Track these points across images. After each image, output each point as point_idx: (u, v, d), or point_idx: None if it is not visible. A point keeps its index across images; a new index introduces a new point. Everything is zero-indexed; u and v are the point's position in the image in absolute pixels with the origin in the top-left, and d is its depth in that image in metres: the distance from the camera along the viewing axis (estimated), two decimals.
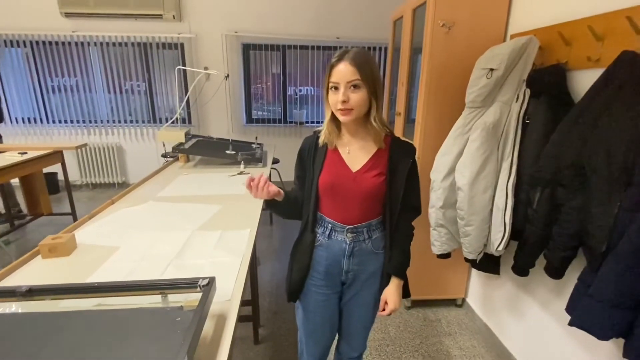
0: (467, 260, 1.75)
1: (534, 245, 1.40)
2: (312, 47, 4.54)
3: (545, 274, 1.37)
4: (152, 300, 0.88)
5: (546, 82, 1.43)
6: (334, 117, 1.04)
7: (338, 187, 1.07)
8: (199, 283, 0.86)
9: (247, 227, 1.42)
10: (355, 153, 1.08)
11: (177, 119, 2.95)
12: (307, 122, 4.86)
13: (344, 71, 0.96)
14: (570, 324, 1.16)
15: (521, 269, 1.53)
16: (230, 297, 0.95)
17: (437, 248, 1.83)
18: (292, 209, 1.15)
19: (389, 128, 1.08)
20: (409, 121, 2.31)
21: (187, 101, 4.40)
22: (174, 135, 2.59)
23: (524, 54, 1.51)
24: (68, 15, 4.07)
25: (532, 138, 1.46)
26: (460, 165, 1.63)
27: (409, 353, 1.93)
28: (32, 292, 0.84)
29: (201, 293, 0.83)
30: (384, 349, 1.96)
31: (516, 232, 1.52)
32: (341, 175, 1.07)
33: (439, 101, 1.93)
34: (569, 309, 1.24)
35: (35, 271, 1.09)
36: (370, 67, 0.97)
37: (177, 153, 2.57)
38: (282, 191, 1.07)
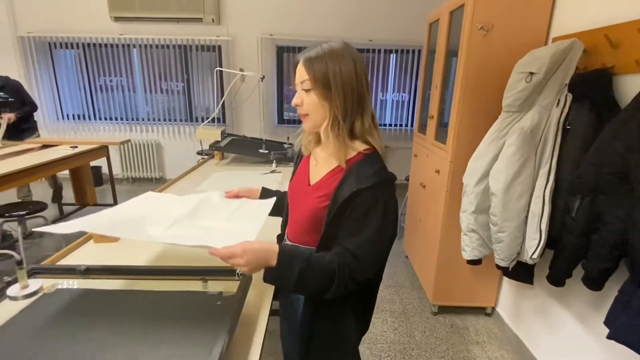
0: (498, 267, 1.71)
1: (571, 254, 1.36)
2: None
3: (582, 284, 1.32)
4: (192, 286, 0.94)
5: (590, 87, 1.39)
6: None
7: (293, 198, 0.98)
8: (237, 271, 0.92)
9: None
10: (320, 164, 0.92)
11: (211, 117, 3.07)
12: None
13: (298, 71, 0.83)
14: (609, 337, 1.12)
15: (557, 278, 1.48)
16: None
17: (467, 253, 1.81)
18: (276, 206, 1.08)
19: (371, 145, 0.85)
20: (442, 124, 2.29)
21: (222, 101, 4.56)
22: (211, 134, 2.71)
23: (566, 58, 1.47)
24: (117, 19, 4.34)
25: (573, 144, 1.41)
26: (495, 170, 1.60)
27: (434, 359, 1.91)
28: (89, 271, 0.93)
29: (239, 281, 0.89)
30: (408, 353, 1.95)
31: (552, 241, 1.47)
32: (299, 186, 0.96)
33: (474, 105, 1.90)
34: (607, 322, 1.19)
35: (88, 254, 1.19)
36: (328, 65, 0.78)
37: (213, 150, 2.68)
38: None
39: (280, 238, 1.07)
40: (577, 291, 1.55)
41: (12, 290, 0.85)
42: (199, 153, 3.91)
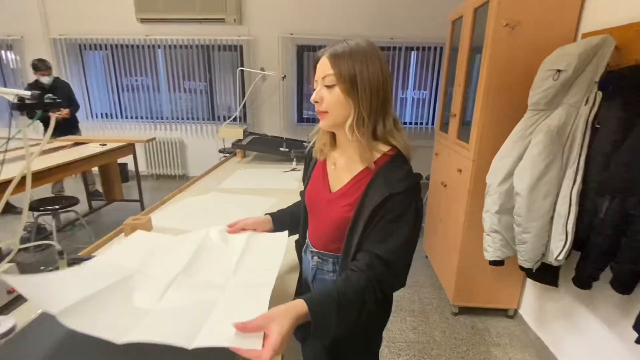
0: (522, 269, 1.68)
1: (599, 257, 1.33)
2: None
3: (609, 288, 1.29)
4: None
5: (623, 85, 1.34)
6: None
7: (313, 207, 0.93)
8: None
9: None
10: (340, 169, 0.87)
11: (233, 116, 3.14)
12: None
13: (320, 65, 0.79)
14: (638, 341, 1.08)
15: (584, 281, 1.44)
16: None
17: (489, 254, 1.78)
18: (290, 228, 1.03)
19: (394, 146, 0.82)
20: (465, 123, 2.26)
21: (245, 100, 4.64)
22: (234, 132, 2.77)
23: (597, 55, 1.42)
24: (143, 20, 4.48)
25: (603, 143, 1.37)
26: (520, 170, 1.57)
27: (454, 359, 1.90)
28: None
29: None
30: (428, 352, 1.94)
31: (579, 242, 1.43)
32: (319, 194, 0.91)
33: (498, 103, 1.87)
34: (636, 326, 1.16)
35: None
36: (355, 63, 0.75)
37: (235, 149, 2.74)
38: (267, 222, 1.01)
39: (298, 244, 1.04)
40: (604, 294, 1.51)
41: None
42: (221, 151, 3.99)
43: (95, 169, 3.56)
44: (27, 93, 0.58)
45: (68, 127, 3.60)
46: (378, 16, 4.39)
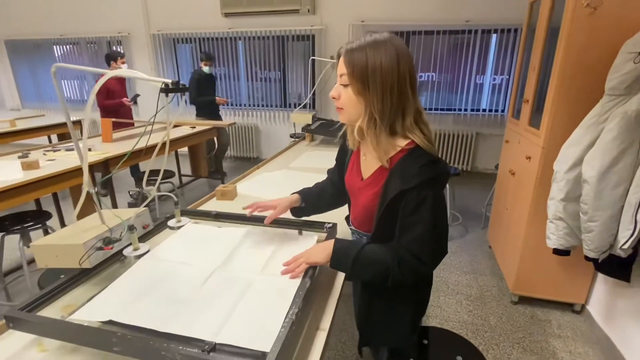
0: (587, 258, 1.64)
1: None
2: (438, 32, 4.45)
3: None
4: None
5: None
6: None
7: (350, 192, 1.02)
8: (325, 225, 1.13)
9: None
10: (369, 159, 0.93)
11: (303, 103, 3.37)
12: (425, 108, 4.78)
13: (340, 63, 0.82)
14: None
15: None
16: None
17: (552, 241, 1.75)
18: (316, 206, 1.14)
19: (413, 139, 0.83)
20: (537, 109, 2.18)
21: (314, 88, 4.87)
22: (304, 118, 3.00)
23: None
24: (227, 15, 4.92)
25: None
26: (590, 157, 1.53)
27: (508, 343, 1.92)
28: (219, 216, 1.25)
29: (326, 233, 1.10)
30: (481, 334, 1.98)
31: None
32: (354, 180, 0.99)
33: (574, 88, 1.79)
34: None
35: (215, 206, 1.54)
36: (368, 60, 0.76)
37: (304, 133, 2.97)
38: (296, 200, 1.09)
39: (348, 219, 1.12)
40: None
41: (171, 222, 1.21)
42: (291, 135, 4.29)
43: (185, 149, 4.10)
44: (168, 80, 0.81)
45: (216, 112, 4.33)
46: None
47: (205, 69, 4.05)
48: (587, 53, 1.72)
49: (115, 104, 3.65)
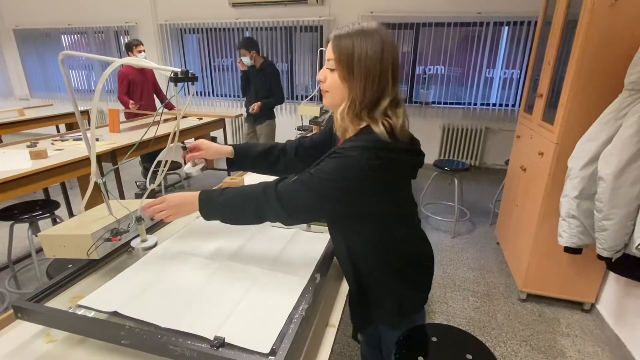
0: (600, 257, 1.61)
1: None
2: (449, 24, 4.36)
3: None
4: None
5: None
6: None
7: None
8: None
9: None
10: None
11: (311, 95, 3.33)
12: (433, 102, 4.75)
13: (327, 48, 0.83)
14: None
15: None
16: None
17: (564, 239, 1.72)
18: (254, 165, 1.18)
19: (372, 125, 0.81)
20: (551, 104, 2.13)
21: None
22: (311, 110, 2.96)
23: None
24: (234, 5, 4.86)
25: None
26: (607, 153, 1.49)
27: (515, 341, 1.90)
28: None
29: None
30: (488, 331, 1.97)
31: None
32: None
33: (591, 83, 1.74)
34: None
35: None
36: (354, 47, 0.77)
37: (312, 125, 2.94)
38: (228, 152, 1.15)
39: None
40: None
41: None
42: (298, 128, 4.26)
43: (191, 140, 4.09)
44: (178, 69, 0.80)
45: (265, 115, 3.82)
46: None
47: (245, 59, 3.45)
48: (606, 46, 1.66)
49: (124, 103, 3.62)
